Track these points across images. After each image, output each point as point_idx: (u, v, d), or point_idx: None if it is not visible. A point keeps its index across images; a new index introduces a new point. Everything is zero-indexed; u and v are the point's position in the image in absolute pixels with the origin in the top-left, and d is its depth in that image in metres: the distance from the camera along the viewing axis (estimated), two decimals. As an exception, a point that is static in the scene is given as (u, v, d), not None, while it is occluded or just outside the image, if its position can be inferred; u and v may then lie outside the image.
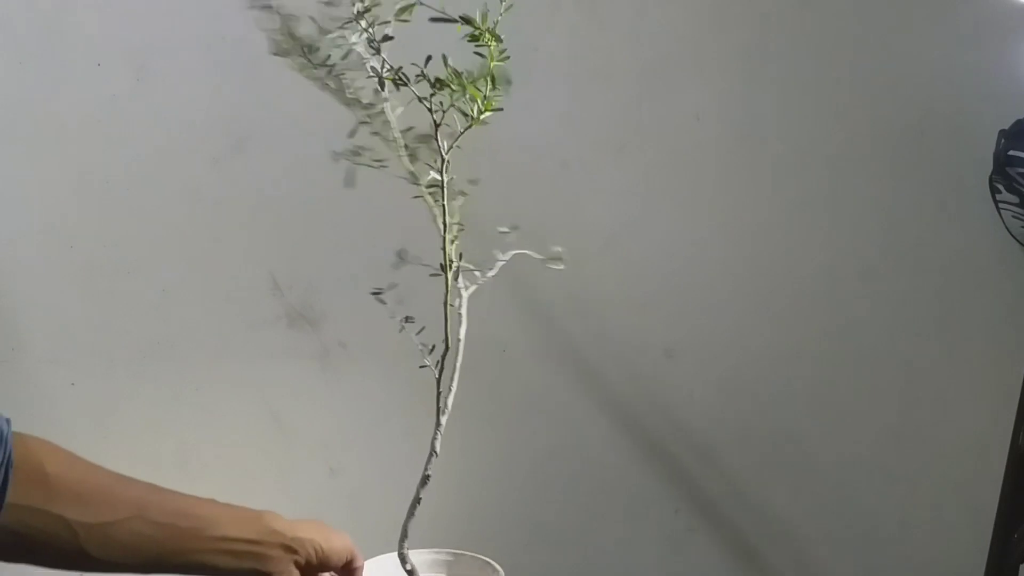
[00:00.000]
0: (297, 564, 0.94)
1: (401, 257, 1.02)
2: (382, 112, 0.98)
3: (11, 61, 1.53)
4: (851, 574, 1.78)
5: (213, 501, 0.89)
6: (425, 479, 1.07)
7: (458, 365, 1.05)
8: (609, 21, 1.62)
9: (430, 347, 1.06)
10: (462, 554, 1.15)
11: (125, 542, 0.80)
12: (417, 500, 1.08)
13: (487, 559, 1.13)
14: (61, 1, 1.53)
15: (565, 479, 1.73)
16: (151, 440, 1.61)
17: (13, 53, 1.53)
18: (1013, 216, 1.61)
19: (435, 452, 1.07)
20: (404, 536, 1.09)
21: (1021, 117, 1.57)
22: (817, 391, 1.74)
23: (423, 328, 1.03)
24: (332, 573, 0.99)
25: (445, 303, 1.02)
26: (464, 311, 1.04)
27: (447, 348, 1.04)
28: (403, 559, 1.10)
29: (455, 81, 0.93)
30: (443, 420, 1.05)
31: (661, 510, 1.76)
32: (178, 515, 0.84)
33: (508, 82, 0.97)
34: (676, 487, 1.75)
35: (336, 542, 0.97)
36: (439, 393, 1.05)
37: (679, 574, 1.77)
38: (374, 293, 1.03)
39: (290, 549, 0.92)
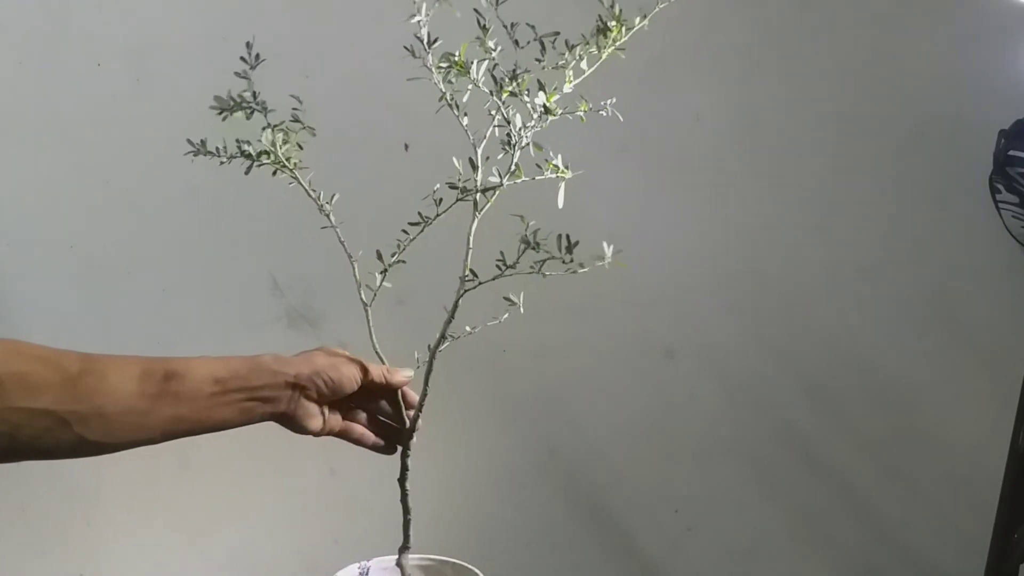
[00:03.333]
0: (310, 399, 0.92)
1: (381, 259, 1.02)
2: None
3: (11, 61, 1.53)
4: (851, 574, 1.78)
5: (204, 358, 0.86)
6: (405, 494, 1.07)
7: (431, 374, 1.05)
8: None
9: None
10: (444, 560, 1.14)
11: (126, 422, 0.78)
12: (407, 514, 1.07)
13: (468, 565, 1.13)
14: (61, 1, 1.53)
15: (565, 479, 1.73)
16: (151, 440, 1.61)
17: (13, 53, 1.53)
18: (1013, 216, 1.60)
19: (407, 467, 1.07)
20: (406, 546, 1.09)
21: (1021, 117, 1.57)
22: (817, 391, 1.74)
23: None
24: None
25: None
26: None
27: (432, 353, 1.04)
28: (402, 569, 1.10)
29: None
30: (414, 435, 1.05)
31: (661, 510, 1.76)
32: (173, 382, 0.81)
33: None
34: (676, 487, 1.75)
35: (345, 369, 0.94)
36: (402, 407, 1.04)
37: (679, 574, 1.77)
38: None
39: (298, 387, 0.90)
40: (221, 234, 1.61)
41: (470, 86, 0.99)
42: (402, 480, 1.07)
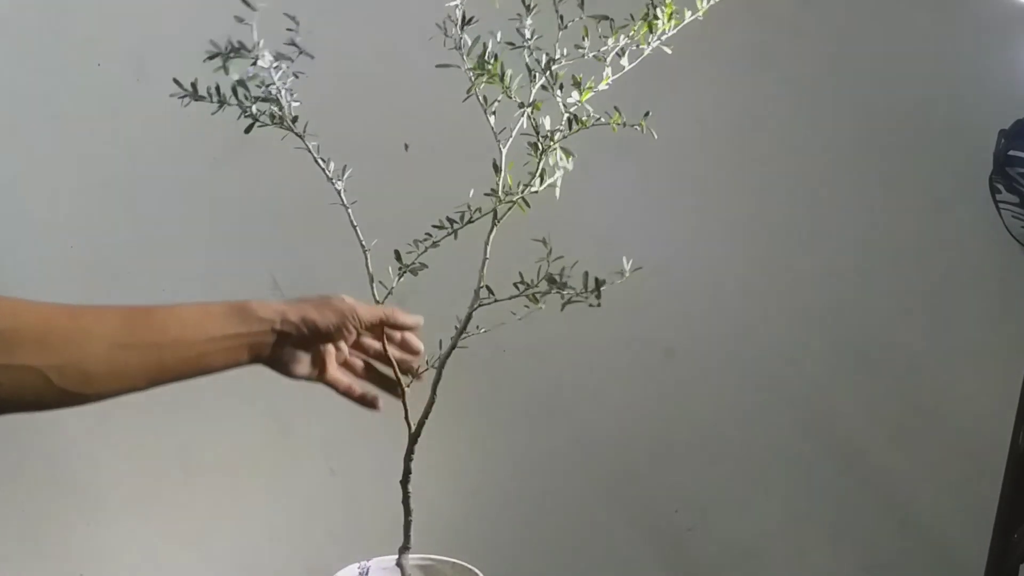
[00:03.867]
0: (295, 344, 0.91)
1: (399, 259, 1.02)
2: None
3: (11, 61, 1.53)
4: (851, 573, 1.78)
5: (187, 305, 0.84)
6: (407, 496, 1.07)
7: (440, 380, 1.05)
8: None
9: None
10: (444, 560, 1.15)
11: (106, 372, 0.77)
12: (408, 515, 1.08)
13: (468, 565, 1.13)
14: (61, 1, 1.53)
15: (565, 479, 1.73)
16: (151, 440, 1.61)
17: (13, 53, 1.53)
18: (1013, 216, 1.60)
19: (409, 470, 1.06)
20: (406, 546, 1.09)
21: (1021, 117, 1.57)
22: (817, 391, 1.74)
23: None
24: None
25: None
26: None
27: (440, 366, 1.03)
28: (402, 569, 1.10)
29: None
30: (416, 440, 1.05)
31: (661, 510, 1.76)
32: (154, 331, 0.80)
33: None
34: (676, 487, 1.75)
35: (330, 315, 0.93)
36: (407, 412, 1.04)
37: (679, 574, 1.77)
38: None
39: (282, 333, 0.89)
40: (221, 234, 1.61)
41: (500, 96, 0.97)
42: (404, 482, 1.07)
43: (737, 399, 1.73)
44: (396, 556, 1.10)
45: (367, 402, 1.01)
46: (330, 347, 0.96)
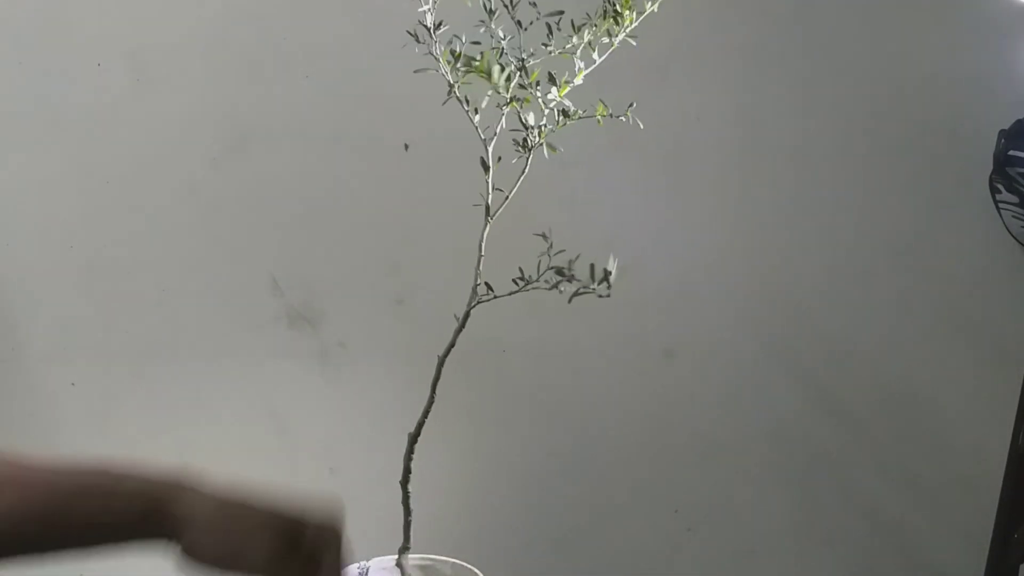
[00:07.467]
0: None
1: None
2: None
3: (11, 61, 1.53)
4: (852, 574, 1.78)
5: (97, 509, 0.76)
6: (407, 496, 1.07)
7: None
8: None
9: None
10: (444, 560, 1.15)
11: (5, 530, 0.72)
12: (408, 515, 1.07)
13: (468, 565, 1.13)
14: (61, 1, 1.53)
15: (565, 479, 1.73)
16: (151, 440, 1.61)
17: (13, 53, 1.53)
18: (1013, 216, 1.61)
19: (409, 470, 1.06)
20: (406, 546, 1.09)
21: (1021, 117, 1.57)
22: (817, 391, 1.74)
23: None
24: None
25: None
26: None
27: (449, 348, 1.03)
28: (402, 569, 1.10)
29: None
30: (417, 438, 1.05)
31: (661, 510, 1.76)
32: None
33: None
34: (676, 487, 1.75)
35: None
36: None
37: (679, 574, 1.77)
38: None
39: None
40: (221, 234, 1.61)
41: (490, 92, 0.97)
42: (404, 482, 1.07)
43: (737, 399, 1.73)
44: (396, 556, 1.10)
45: None
46: None
